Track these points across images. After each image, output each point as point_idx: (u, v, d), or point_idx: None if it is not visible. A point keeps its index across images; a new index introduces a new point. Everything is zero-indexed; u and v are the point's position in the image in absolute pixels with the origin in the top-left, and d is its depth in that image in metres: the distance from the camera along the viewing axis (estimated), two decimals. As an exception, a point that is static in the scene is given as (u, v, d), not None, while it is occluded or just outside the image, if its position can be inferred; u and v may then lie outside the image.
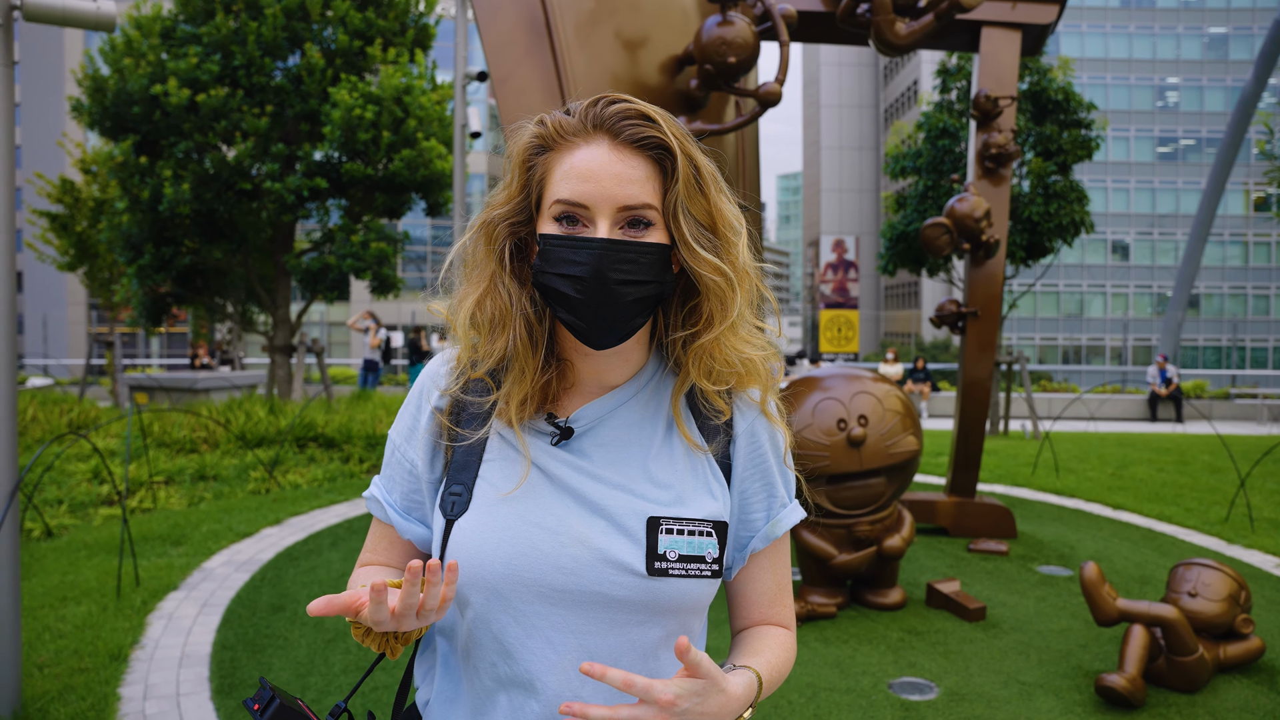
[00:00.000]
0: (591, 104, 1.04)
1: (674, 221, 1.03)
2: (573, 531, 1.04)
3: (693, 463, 1.11)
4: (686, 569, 1.05)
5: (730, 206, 1.07)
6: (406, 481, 1.15)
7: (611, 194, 1.00)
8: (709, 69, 4.48)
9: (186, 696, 3.56)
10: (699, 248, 1.03)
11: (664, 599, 1.05)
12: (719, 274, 1.04)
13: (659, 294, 1.05)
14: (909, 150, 15.55)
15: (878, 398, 4.46)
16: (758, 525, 1.16)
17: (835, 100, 60.66)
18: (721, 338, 1.07)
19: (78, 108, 12.07)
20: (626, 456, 1.09)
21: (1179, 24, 48.32)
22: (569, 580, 1.03)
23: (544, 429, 1.10)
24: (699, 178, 1.04)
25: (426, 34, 13.10)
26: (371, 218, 13.13)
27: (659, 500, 1.07)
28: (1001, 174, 6.06)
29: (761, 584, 1.19)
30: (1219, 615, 3.75)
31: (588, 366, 1.12)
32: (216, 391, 13.84)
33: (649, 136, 1.01)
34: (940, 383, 21.44)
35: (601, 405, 1.11)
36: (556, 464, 1.08)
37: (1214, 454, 10.32)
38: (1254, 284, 47.76)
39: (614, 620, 1.04)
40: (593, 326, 1.03)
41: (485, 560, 1.04)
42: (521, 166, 1.07)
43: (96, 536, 5.81)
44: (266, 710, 1.08)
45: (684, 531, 1.06)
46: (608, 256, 1.00)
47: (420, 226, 46.00)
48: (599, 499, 1.06)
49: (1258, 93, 20.43)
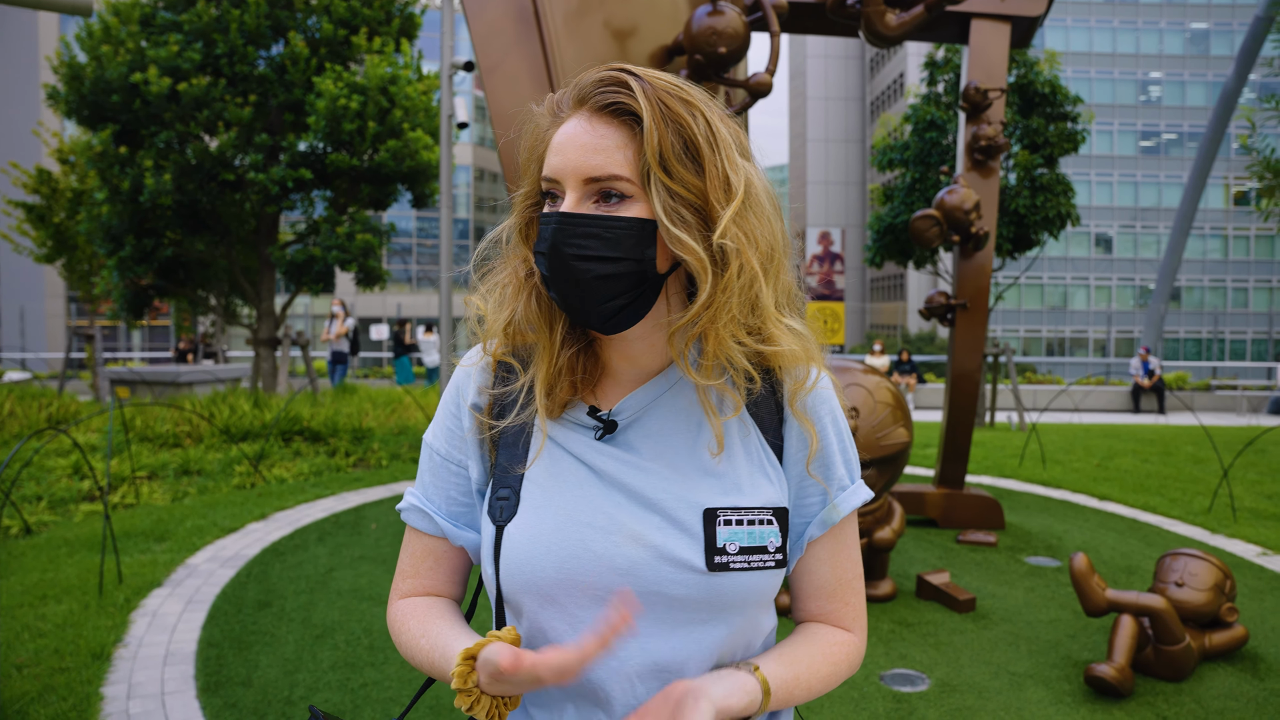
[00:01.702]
0: (582, 76, 1.00)
1: (647, 191, 0.94)
2: (626, 529, 0.99)
3: (746, 447, 1.05)
4: (749, 561, 0.99)
5: (736, 176, 0.96)
6: (453, 486, 1.10)
7: (576, 165, 0.95)
8: (699, 59, 4.44)
9: (171, 695, 3.51)
10: (670, 224, 0.93)
11: (726, 595, 0.99)
12: (690, 254, 0.94)
13: (638, 272, 0.96)
14: (896, 143, 15.56)
15: (868, 389, 4.46)
16: (814, 510, 1.08)
17: (822, 92, 60.67)
18: (710, 326, 0.96)
19: (54, 96, 11.87)
20: (675, 446, 1.03)
21: (1162, 19, 48.61)
22: (625, 580, 0.97)
23: (586, 423, 1.05)
24: (692, 145, 0.94)
25: (412, 23, 12.98)
26: (357, 209, 13.02)
27: (713, 490, 1.01)
28: (991, 166, 6.07)
29: (819, 576, 1.10)
30: (1205, 604, 3.77)
31: (617, 353, 1.06)
32: (200, 385, 13.70)
33: (617, 103, 0.95)
34: (926, 374, 21.53)
35: (644, 394, 1.04)
36: (603, 459, 1.02)
37: (1196, 445, 10.41)
38: (1233, 277, 48.21)
39: (675, 620, 0.98)
40: (569, 305, 0.98)
41: (536, 565, 0.99)
42: (533, 147, 1.04)
43: (77, 533, 5.73)
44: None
45: (743, 521, 1.00)
46: (563, 230, 0.94)
47: (406, 218, 45.75)
48: (650, 493, 1.00)
49: (1238, 88, 20.59)
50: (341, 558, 5.32)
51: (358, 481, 7.54)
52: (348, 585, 4.79)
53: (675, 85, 0.97)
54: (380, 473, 7.93)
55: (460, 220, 46.83)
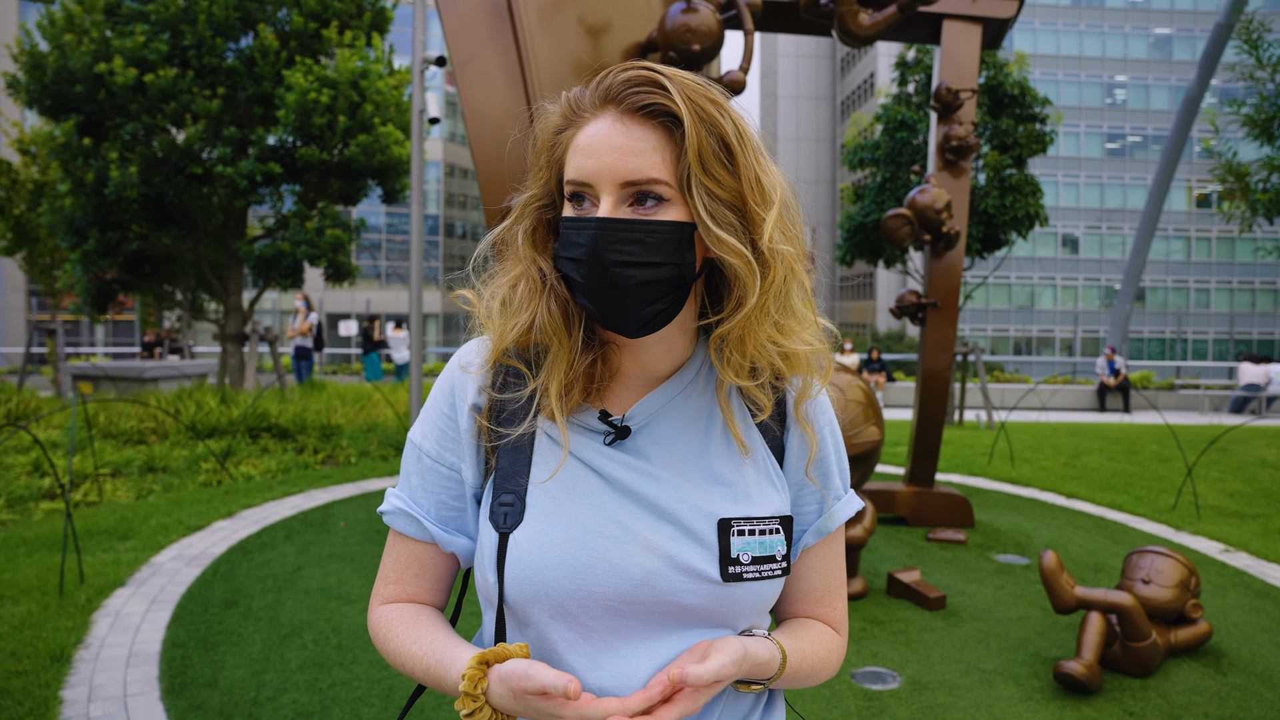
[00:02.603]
0: (604, 75, 0.97)
1: (689, 195, 0.93)
2: (640, 538, 0.97)
3: (754, 455, 1.05)
4: (760, 571, 0.99)
5: (768, 177, 0.96)
6: (444, 489, 1.06)
7: (612, 168, 0.92)
8: (673, 56, 4.43)
9: (134, 697, 3.44)
10: (714, 225, 0.93)
11: (738, 604, 0.99)
12: (737, 255, 0.94)
13: (678, 276, 0.95)
14: (867, 142, 15.66)
15: (840, 388, 4.48)
16: (810, 519, 1.10)
17: (793, 91, 61.00)
18: (750, 327, 0.97)
19: (13, 85, 11.60)
20: (685, 453, 1.02)
21: (1126, 24, 49.41)
22: (639, 591, 0.96)
23: (596, 427, 1.02)
24: (726, 145, 0.93)
25: (384, 17, 12.85)
26: (326, 204, 12.87)
27: (725, 499, 1.01)
28: (962, 166, 6.12)
29: (808, 583, 1.12)
30: (1171, 601, 3.83)
31: (630, 356, 1.04)
32: (165, 381, 13.48)
33: (654, 104, 0.92)
34: (895, 373, 21.71)
35: (655, 400, 1.03)
36: (613, 465, 1.00)
37: (1161, 443, 10.59)
38: (1196, 278, 49.14)
39: (685, 628, 0.98)
40: (604, 312, 0.96)
41: (548, 575, 0.96)
42: (546, 148, 1.01)
43: (37, 532, 5.61)
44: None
45: (755, 531, 1.00)
46: (604, 237, 0.92)
47: (376, 214, 45.32)
48: (663, 502, 0.99)
49: (1200, 93, 20.95)
50: (310, 556, 5.25)
51: (326, 479, 7.45)
52: (316, 584, 4.73)
53: (702, 84, 0.96)
54: (349, 470, 7.85)
55: (430, 216, 46.49)
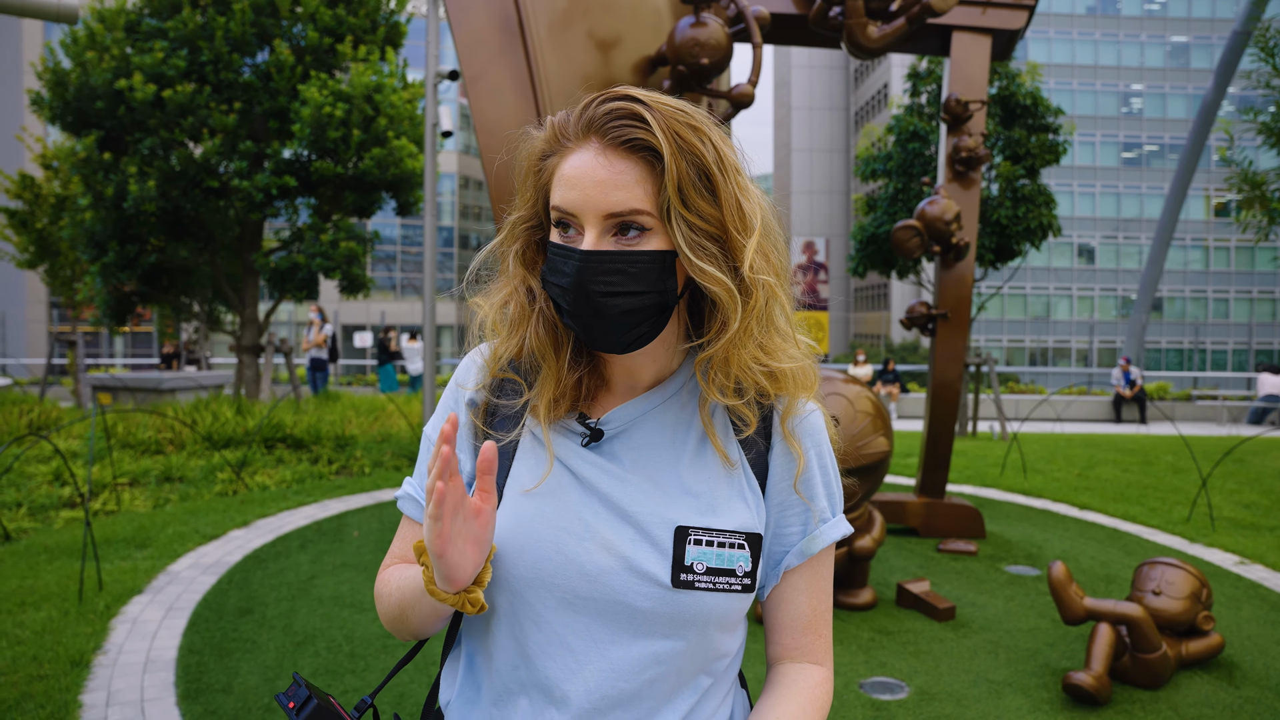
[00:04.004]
0: (589, 103, 1.00)
1: (669, 226, 0.96)
2: (599, 537, 1.01)
3: (728, 470, 1.06)
4: (714, 582, 1.01)
5: (751, 204, 0.99)
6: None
7: (596, 201, 0.96)
8: (682, 70, 4.49)
9: (151, 702, 3.49)
10: (694, 257, 0.96)
11: (688, 612, 1.00)
12: (718, 284, 0.97)
13: (660, 302, 0.99)
14: (879, 153, 15.68)
15: (849, 399, 4.49)
16: (793, 540, 1.09)
17: (806, 102, 61.03)
18: (734, 349, 1.00)
19: (38, 101, 11.82)
20: (658, 461, 1.05)
21: (1143, 32, 49.20)
22: (592, 588, 1.00)
23: (575, 429, 1.07)
24: (706, 176, 0.97)
25: (398, 32, 12.99)
26: (341, 216, 13.00)
27: (689, 509, 1.03)
28: (972, 177, 6.13)
29: (795, 606, 1.11)
30: (1182, 613, 3.82)
31: (617, 367, 1.09)
32: (183, 392, 13.63)
33: (635, 138, 0.96)
34: (909, 384, 21.64)
35: (634, 408, 1.07)
36: (586, 466, 1.05)
37: (1176, 454, 10.51)
38: (1214, 288, 48.72)
39: (637, 631, 1.00)
40: (590, 334, 1.00)
41: (509, 562, 1.02)
42: (532, 172, 1.05)
43: (57, 540, 5.69)
44: (303, 710, 1.03)
45: (713, 543, 1.01)
46: (588, 269, 0.96)
47: (390, 226, 45.63)
48: (628, 505, 1.02)
49: (1218, 101, 20.86)
50: (323, 565, 5.30)
51: (340, 489, 7.51)
52: (329, 593, 4.77)
53: (683, 111, 0.99)
54: (363, 480, 7.91)
55: (445, 228, 46.76)
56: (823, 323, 25.48)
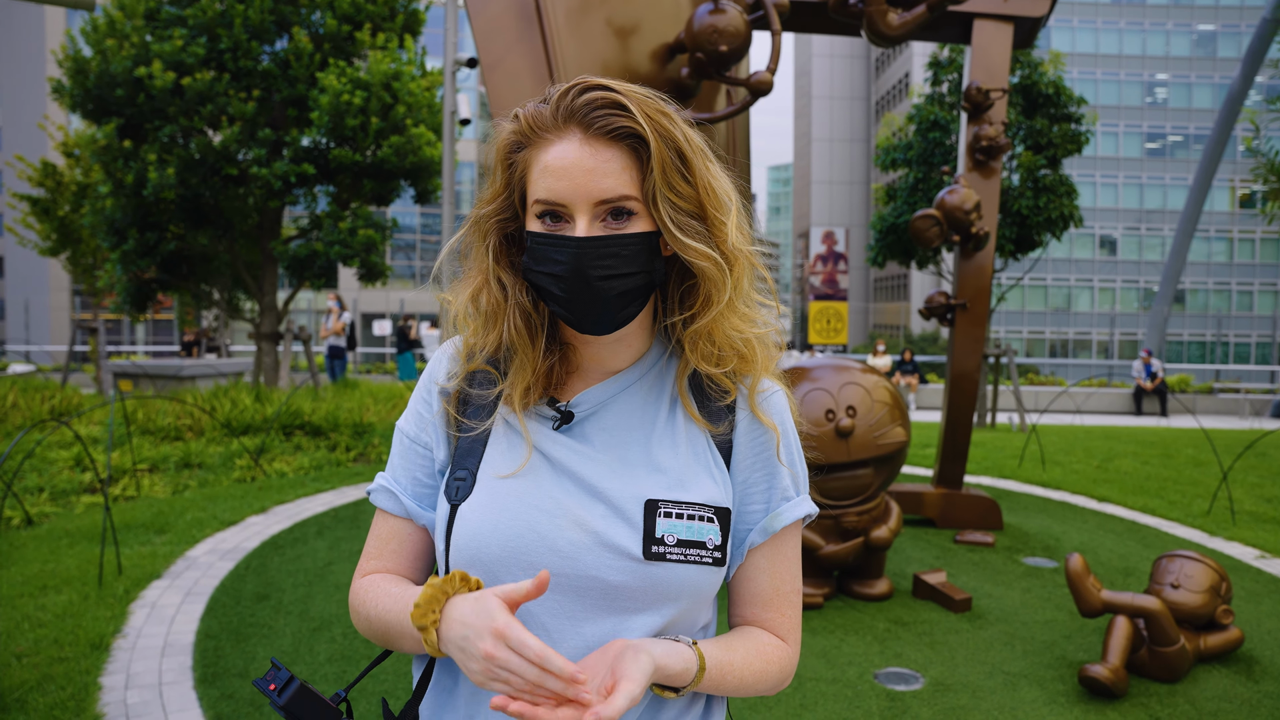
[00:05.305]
0: (563, 94, 1.01)
1: (655, 209, 1.01)
2: (570, 514, 1.03)
3: (694, 447, 1.09)
4: (685, 554, 1.03)
5: (720, 182, 1.05)
6: (419, 468, 1.14)
7: (586, 189, 0.99)
8: (700, 57, 4.45)
9: (169, 685, 3.53)
10: (681, 234, 1.01)
11: (662, 585, 1.02)
12: (706, 259, 1.03)
13: (649, 282, 1.04)
14: (899, 142, 15.54)
15: (866, 389, 4.46)
16: (755, 518, 1.11)
17: (826, 92, 60.62)
18: (719, 319, 1.06)
19: (59, 89, 11.91)
20: (628, 440, 1.08)
21: (1169, 21, 48.48)
22: (565, 564, 1.01)
23: (546, 414, 1.10)
24: (682, 159, 1.01)
25: (416, 19, 13.00)
26: (359, 204, 13.05)
27: (658, 484, 1.05)
28: (992, 166, 6.06)
29: (756, 584, 1.12)
30: (1200, 606, 3.78)
31: (590, 352, 1.12)
32: (202, 379, 13.74)
33: (620, 126, 0.99)
34: (928, 375, 21.52)
35: (604, 390, 1.10)
36: (558, 448, 1.07)
37: (1197, 447, 10.40)
38: (1238, 280, 48.12)
39: (612, 607, 1.02)
40: (582, 318, 1.04)
41: (483, 542, 1.03)
42: (502, 164, 1.07)
43: (78, 524, 5.76)
44: (285, 691, 1.05)
45: (683, 516, 1.04)
46: (586, 254, 0.99)
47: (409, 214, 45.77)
48: (598, 482, 1.05)
49: (1244, 90, 20.53)
50: (340, 552, 5.34)
51: (358, 476, 7.56)
52: (346, 579, 4.81)
53: (654, 98, 1.03)
54: (380, 467, 7.94)
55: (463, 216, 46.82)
56: (842, 313, 25.32)
